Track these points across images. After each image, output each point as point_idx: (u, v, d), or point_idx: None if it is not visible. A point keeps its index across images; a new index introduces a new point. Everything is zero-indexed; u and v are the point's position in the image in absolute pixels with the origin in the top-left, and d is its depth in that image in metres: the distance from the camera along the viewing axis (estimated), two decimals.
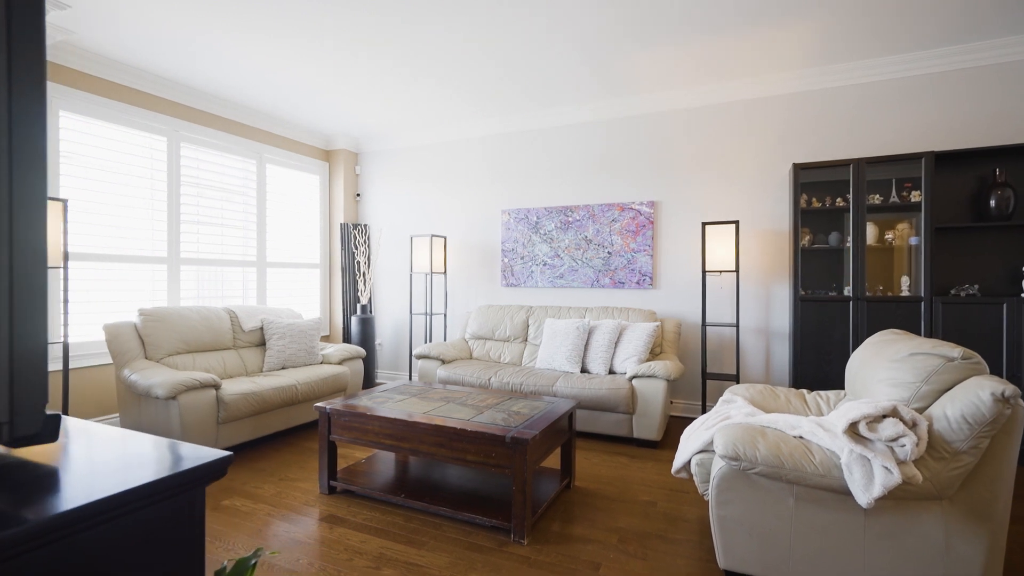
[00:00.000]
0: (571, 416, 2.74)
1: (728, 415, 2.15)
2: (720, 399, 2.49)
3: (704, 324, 3.79)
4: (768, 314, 3.94)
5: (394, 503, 2.51)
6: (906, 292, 3.39)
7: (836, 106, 3.74)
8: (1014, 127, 3.31)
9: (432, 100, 4.38)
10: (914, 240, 3.38)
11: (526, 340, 4.39)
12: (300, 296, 5.29)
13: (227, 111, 4.44)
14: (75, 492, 0.65)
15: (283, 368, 3.88)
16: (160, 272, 4.00)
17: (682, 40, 3.27)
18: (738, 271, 3.66)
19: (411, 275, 4.86)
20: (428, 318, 4.92)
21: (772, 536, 1.75)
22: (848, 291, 3.43)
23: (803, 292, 3.64)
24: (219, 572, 0.71)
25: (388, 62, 3.61)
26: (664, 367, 3.31)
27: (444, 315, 5.01)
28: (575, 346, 3.79)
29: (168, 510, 0.74)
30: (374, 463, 2.86)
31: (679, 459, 2.15)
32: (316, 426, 3.89)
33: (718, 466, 1.84)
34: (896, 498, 1.59)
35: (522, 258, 4.81)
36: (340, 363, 4.11)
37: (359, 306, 5.20)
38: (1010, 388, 1.48)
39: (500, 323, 4.45)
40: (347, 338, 5.38)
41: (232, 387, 3.18)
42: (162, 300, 4.02)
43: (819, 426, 1.75)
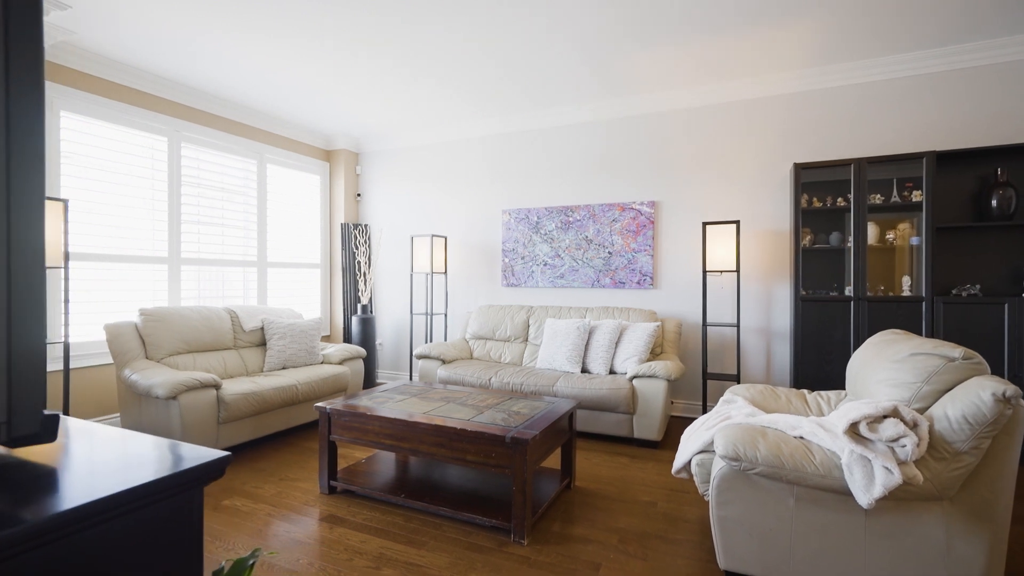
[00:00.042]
0: (571, 416, 2.73)
1: (728, 415, 2.14)
2: (721, 399, 2.49)
3: (705, 324, 3.79)
4: (769, 314, 3.94)
5: (394, 503, 2.51)
6: (907, 292, 3.38)
7: (836, 106, 3.74)
8: (1015, 127, 3.31)
9: (432, 100, 4.38)
10: (915, 240, 3.38)
11: (527, 340, 4.39)
12: (301, 296, 5.29)
13: (228, 111, 4.44)
14: (73, 492, 0.65)
15: (284, 368, 3.88)
16: (161, 272, 4.01)
17: (682, 40, 3.27)
18: (739, 271, 3.66)
19: (412, 275, 4.85)
20: (429, 318, 4.92)
21: (772, 536, 1.75)
22: (849, 291, 3.42)
23: (804, 292, 3.63)
24: (217, 572, 0.71)
25: (388, 62, 3.61)
26: (664, 367, 3.31)
27: (445, 315, 5.01)
28: (575, 346, 3.79)
29: (166, 510, 0.74)
30: (374, 463, 2.86)
31: (679, 459, 2.15)
32: (316, 426, 3.89)
33: (718, 466, 1.84)
34: (897, 499, 1.58)
35: (523, 258, 4.81)
36: (341, 363, 4.11)
37: (360, 306, 5.21)
38: (1011, 388, 1.47)
39: (501, 323, 4.45)
40: (348, 338, 5.38)
41: (233, 387, 3.18)
42: (163, 300, 4.02)
43: (820, 426, 1.75)
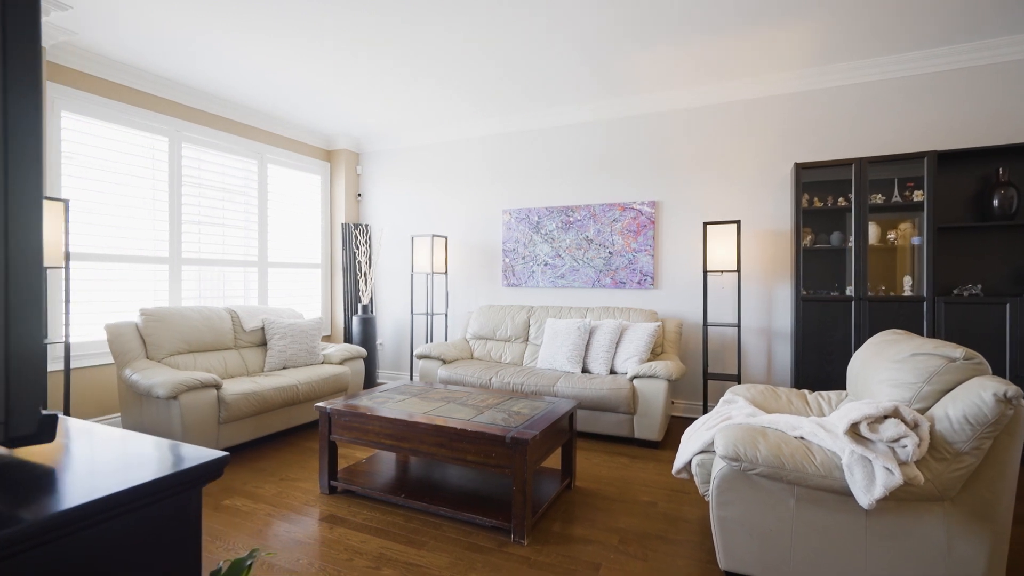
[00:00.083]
0: (572, 416, 2.73)
1: (729, 415, 2.14)
2: (721, 399, 2.48)
3: (705, 324, 3.78)
4: (770, 314, 3.93)
5: (394, 503, 2.51)
6: (908, 292, 3.37)
7: (837, 106, 3.73)
8: (1016, 126, 3.30)
9: (432, 100, 4.38)
10: (916, 240, 3.37)
11: (527, 340, 4.38)
12: (301, 296, 5.29)
13: (228, 111, 4.44)
14: (72, 492, 0.65)
15: (284, 368, 3.88)
16: (162, 272, 4.01)
17: (682, 40, 3.26)
18: (739, 271, 3.65)
19: (412, 275, 4.86)
20: (429, 318, 4.92)
21: (773, 537, 1.74)
22: (850, 291, 3.42)
23: (805, 292, 3.63)
24: (215, 573, 0.71)
25: (388, 62, 3.61)
26: (665, 367, 3.30)
27: (445, 315, 5.01)
28: (576, 346, 3.79)
29: (165, 510, 0.74)
30: (374, 463, 2.86)
31: (680, 459, 2.14)
32: (317, 426, 3.89)
33: (719, 467, 1.83)
34: (897, 499, 1.58)
35: (523, 258, 4.80)
36: (341, 363, 4.11)
37: (360, 306, 5.21)
38: (1012, 389, 1.47)
39: (501, 323, 4.45)
40: (348, 338, 5.38)
41: (233, 387, 3.18)
42: (163, 300, 4.03)
43: (820, 427, 1.75)
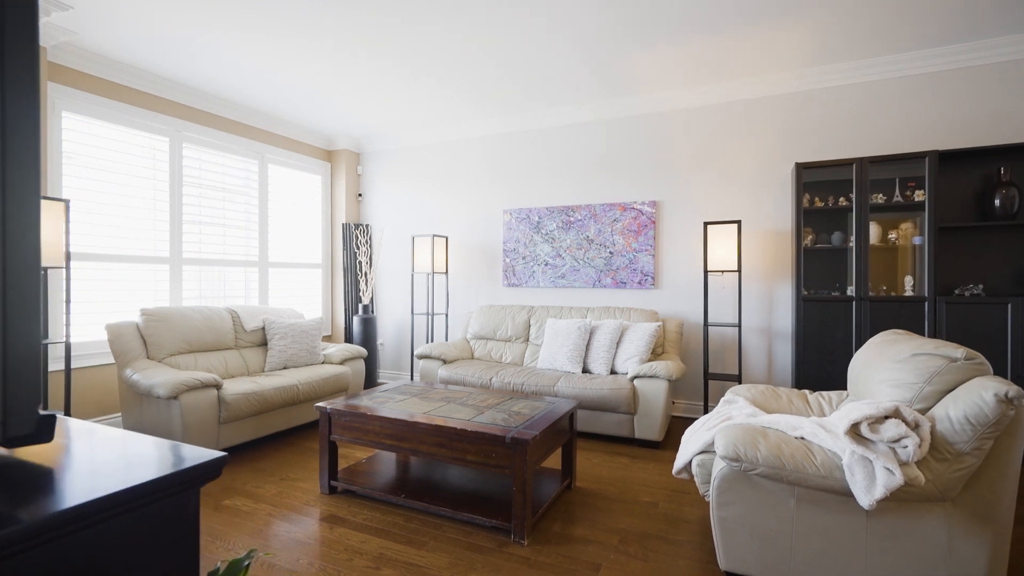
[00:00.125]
0: (572, 416, 2.73)
1: (730, 416, 2.13)
2: (722, 399, 2.48)
3: (706, 324, 3.78)
4: (770, 314, 3.93)
5: (394, 503, 2.51)
6: (910, 292, 3.37)
7: (838, 105, 3.72)
8: (1018, 126, 3.29)
9: (432, 100, 4.38)
10: (918, 240, 3.36)
11: (528, 340, 4.38)
12: (302, 296, 5.30)
13: (229, 111, 4.44)
14: (70, 492, 0.65)
15: (285, 368, 3.89)
16: (162, 272, 4.01)
17: (682, 40, 3.26)
18: (740, 271, 3.65)
19: (413, 275, 4.86)
20: (430, 318, 4.92)
21: (773, 537, 1.74)
22: (851, 291, 3.41)
23: (806, 292, 3.62)
24: (212, 573, 0.71)
25: (388, 62, 3.61)
26: (666, 367, 3.30)
27: (446, 315, 5.01)
28: (576, 346, 3.79)
29: (163, 510, 0.74)
30: (375, 463, 2.86)
31: (680, 460, 2.14)
32: (317, 426, 3.89)
33: (719, 467, 1.83)
34: (898, 500, 1.57)
35: (524, 258, 4.80)
36: (342, 363, 4.11)
37: (361, 306, 5.21)
38: (1014, 389, 1.47)
39: (502, 323, 4.45)
40: (349, 338, 5.38)
41: (233, 387, 3.18)
42: (164, 300, 4.03)
43: (821, 427, 1.74)
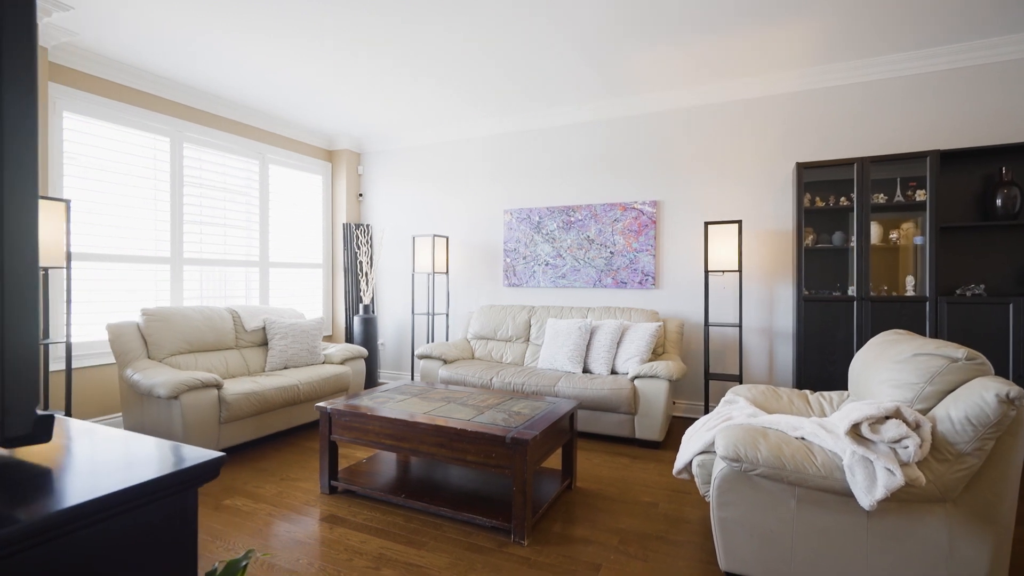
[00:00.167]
0: (572, 416, 2.73)
1: (730, 416, 2.13)
2: (722, 400, 2.48)
3: (707, 324, 3.77)
4: (771, 314, 3.92)
5: (394, 503, 2.51)
6: (911, 292, 3.36)
7: (838, 105, 3.71)
8: (1019, 125, 3.28)
9: (432, 100, 4.38)
10: (919, 240, 3.36)
11: (528, 340, 4.38)
12: (303, 296, 5.30)
13: (229, 111, 4.45)
14: (68, 493, 0.65)
15: (285, 368, 3.89)
16: (163, 272, 4.02)
17: (683, 40, 3.25)
18: (741, 271, 3.64)
19: (413, 275, 4.86)
20: (430, 318, 4.92)
21: (773, 538, 1.73)
22: (852, 291, 3.40)
23: (807, 292, 3.61)
24: (210, 574, 0.71)
25: (388, 62, 3.61)
26: (666, 367, 3.30)
27: (446, 315, 5.00)
28: (577, 346, 3.78)
29: (161, 511, 0.74)
30: (375, 463, 2.86)
31: (680, 460, 2.14)
32: (318, 426, 3.89)
33: (719, 467, 1.83)
34: (899, 500, 1.57)
35: (524, 258, 4.80)
36: (342, 363, 4.11)
37: (361, 306, 5.21)
38: (1015, 389, 1.46)
39: (502, 323, 4.45)
40: (349, 338, 5.38)
41: (234, 387, 3.19)
42: (165, 300, 4.03)
43: (821, 427, 1.74)
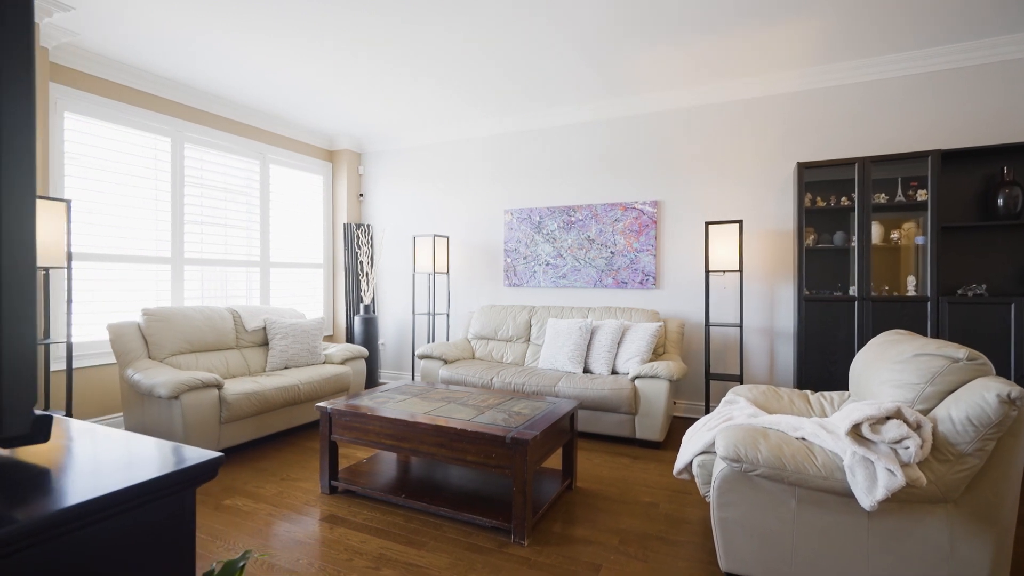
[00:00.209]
0: (573, 416, 2.72)
1: (730, 416, 2.13)
2: (723, 400, 2.47)
3: (707, 324, 3.77)
4: (772, 314, 3.91)
5: (395, 503, 2.51)
6: (912, 292, 3.35)
7: (839, 105, 3.71)
8: (1020, 125, 3.27)
9: (433, 100, 4.37)
10: (920, 239, 3.35)
11: (529, 340, 4.38)
12: (303, 296, 5.30)
13: (230, 112, 4.45)
14: (66, 493, 0.65)
15: (286, 368, 3.89)
16: (164, 272, 4.02)
17: (683, 39, 3.25)
18: (742, 271, 3.63)
19: (414, 275, 4.86)
20: (431, 318, 4.92)
21: (774, 538, 1.73)
22: (853, 291, 3.39)
23: (807, 292, 3.61)
24: (207, 574, 0.71)
25: (388, 62, 3.61)
26: (667, 367, 3.29)
27: (447, 315, 5.00)
28: (577, 346, 3.78)
29: (159, 511, 0.74)
30: (375, 463, 2.86)
31: (681, 460, 2.13)
32: (318, 426, 3.89)
33: (720, 468, 1.82)
34: (900, 501, 1.57)
35: (525, 258, 4.80)
36: (343, 363, 4.11)
37: (362, 306, 5.21)
38: (1016, 390, 1.46)
39: (503, 323, 4.45)
40: (350, 338, 5.38)
41: (234, 387, 3.19)
42: (166, 300, 4.04)
43: (822, 427, 1.73)
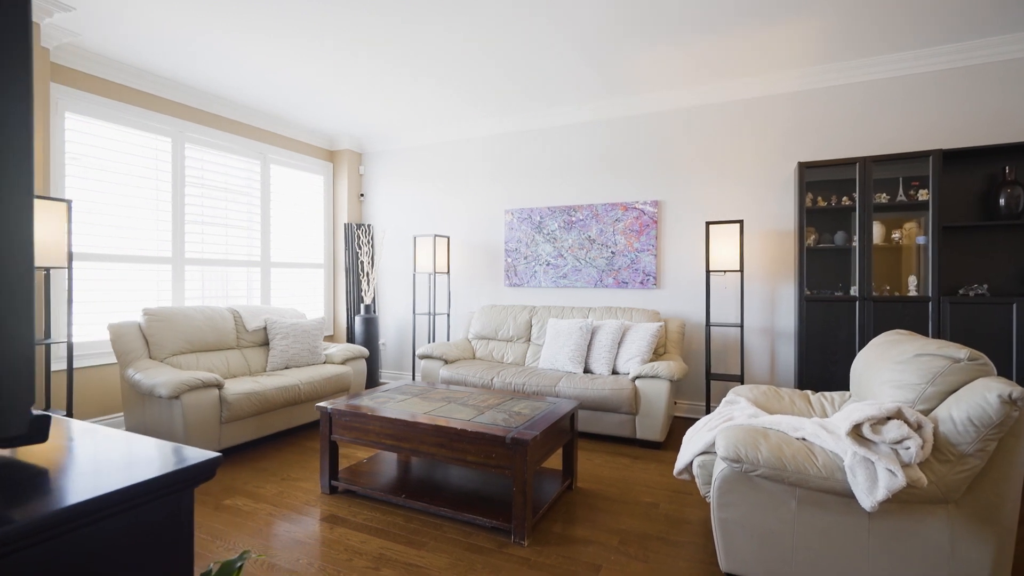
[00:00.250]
0: (573, 417, 2.72)
1: (731, 416, 2.12)
2: (723, 400, 2.47)
3: (708, 324, 3.76)
4: (773, 314, 3.91)
5: (395, 503, 2.51)
6: (913, 292, 3.34)
7: (840, 104, 3.70)
8: (1022, 125, 3.26)
9: (433, 100, 4.37)
10: (921, 239, 3.34)
11: (529, 340, 4.37)
12: (304, 296, 5.31)
13: (230, 112, 4.45)
14: (64, 493, 0.65)
15: (286, 368, 3.89)
16: (165, 272, 4.02)
17: (683, 40, 3.24)
18: (742, 271, 3.63)
19: (414, 275, 4.86)
20: (432, 318, 4.92)
21: (774, 539, 1.73)
22: (854, 291, 3.39)
23: (808, 292, 3.60)
24: (205, 574, 0.71)
25: (388, 62, 3.61)
26: (667, 367, 3.29)
27: (448, 315, 5.00)
28: (578, 346, 3.78)
29: (156, 511, 0.74)
30: (376, 463, 2.86)
31: (681, 460, 2.13)
32: (318, 426, 3.89)
33: (720, 468, 1.82)
34: (901, 501, 1.56)
35: (525, 258, 4.80)
36: (343, 363, 4.11)
37: (363, 306, 5.21)
38: (1018, 390, 1.45)
39: (503, 323, 4.44)
40: (351, 338, 5.39)
41: (235, 387, 3.19)
42: (167, 300, 4.04)
43: (822, 428, 1.73)
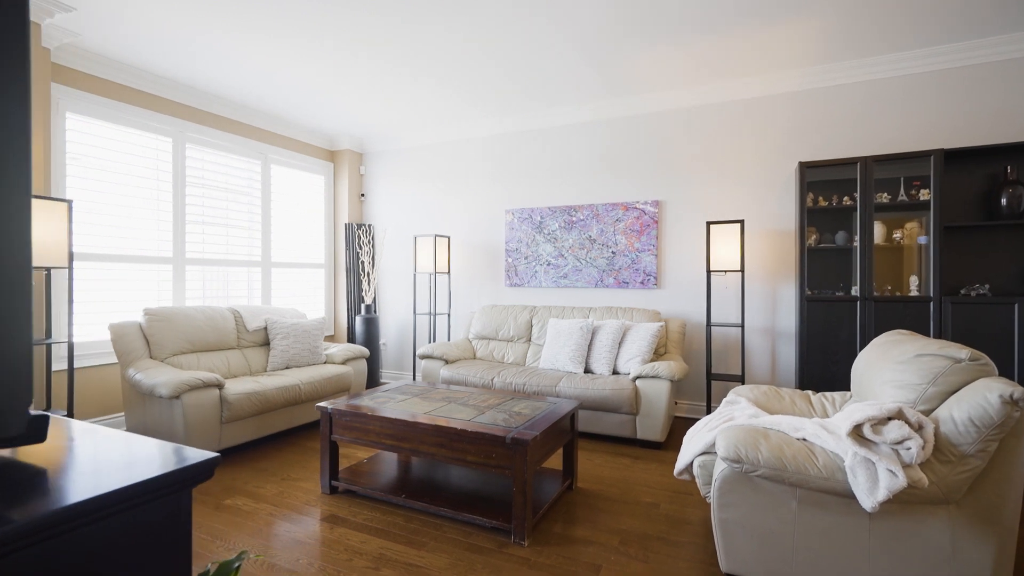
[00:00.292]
0: (573, 417, 2.72)
1: (732, 416, 2.12)
2: (724, 400, 2.46)
3: (709, 324, 3.76)
4: (774, 314, 3.90)
5: (395, 503, 2.50)
6: (915, 292, 3.34)
7: (840, 104, 3.69)
8: (1023, 125, 3.26)
9: (433, 100, 4.37)
10: (923, 239, 3.33)
11: (530, 340, 4.37)
12: (305, 296, 5.31)
13: (231, 112, 4.46)
14: (62, 493, 0.65)
15: (287, 368, 3.89)
16: (165, 272, 4.03)
17: (683, 40, 3.24)
18: (743, 271, 3.62)
19: (415, 275, 4.86)
20: (432, 318, 4.92)
21: (774, 539, 1.72)
22: (855, 291, 3.38)
23: (809, 292, 3.59)
24: (203, 575, 0.71)
25: (388, 62, 3.61)
26: (668, 367, 3.28)
27: (448, 315, 5.00)
28: (579, 346, 3.77)
29: (155, 511, 0.73)
30: (376, 463, 2.86)
31: (681, 461, 2.13)
32: (319, 426, 3.89)
33: (720, 468, 1.82)
34: (901, 502, 1.56)
35: (526, 258, 4.79)
36: (344, 363, 4.11)
37: (363, 306, 5.21)
38: (1019, 390, 1.45)
39: (504, 323, 4.44)
40: (351, 338, 5.39)
41: (236, 387, 3.19)
42: (167, 300, 4.05)
43: (823, 428, 1.72)
